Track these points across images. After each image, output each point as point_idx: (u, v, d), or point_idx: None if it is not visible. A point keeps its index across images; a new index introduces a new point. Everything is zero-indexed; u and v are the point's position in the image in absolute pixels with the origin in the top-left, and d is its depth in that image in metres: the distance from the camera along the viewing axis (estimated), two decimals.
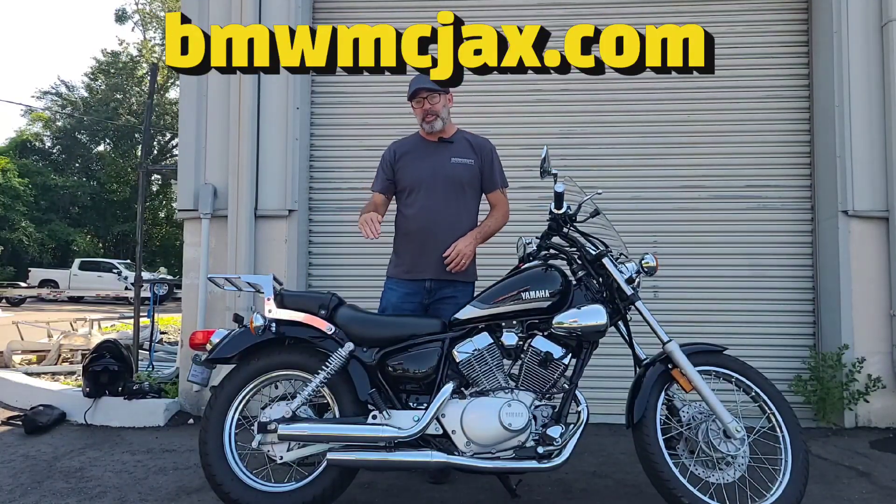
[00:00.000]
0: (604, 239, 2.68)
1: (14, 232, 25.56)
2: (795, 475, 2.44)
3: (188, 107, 4.55)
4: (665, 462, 2.44)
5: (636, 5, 4.70)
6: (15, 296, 17.50)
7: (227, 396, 2.62)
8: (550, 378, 2.50)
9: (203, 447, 2.59)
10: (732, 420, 2.44)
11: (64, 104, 32.15)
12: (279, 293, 2.67)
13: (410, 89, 3.01)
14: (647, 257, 2.62)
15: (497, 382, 2.52)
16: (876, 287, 4.21)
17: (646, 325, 2.60)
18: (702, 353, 2.58)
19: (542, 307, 2.52)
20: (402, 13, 4.81)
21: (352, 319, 2.62)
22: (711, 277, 4.51)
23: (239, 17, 4.41)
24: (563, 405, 2.52)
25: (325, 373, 2.52)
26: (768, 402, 2.52)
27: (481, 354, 2.53)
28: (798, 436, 2.49)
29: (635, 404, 2.51)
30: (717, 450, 2.43)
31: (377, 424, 2.48)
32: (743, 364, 2.60)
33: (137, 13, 32.27)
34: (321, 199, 4.76)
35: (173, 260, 27.11)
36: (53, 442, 3.81)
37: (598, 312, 2.47)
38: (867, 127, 4.24)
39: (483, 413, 2.44)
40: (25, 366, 6.14)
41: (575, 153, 4.54)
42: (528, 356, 2.53)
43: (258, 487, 2.56)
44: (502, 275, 2.71)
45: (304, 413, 2.57)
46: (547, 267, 2.60)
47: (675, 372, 2.52)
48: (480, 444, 2.44)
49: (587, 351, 2.56)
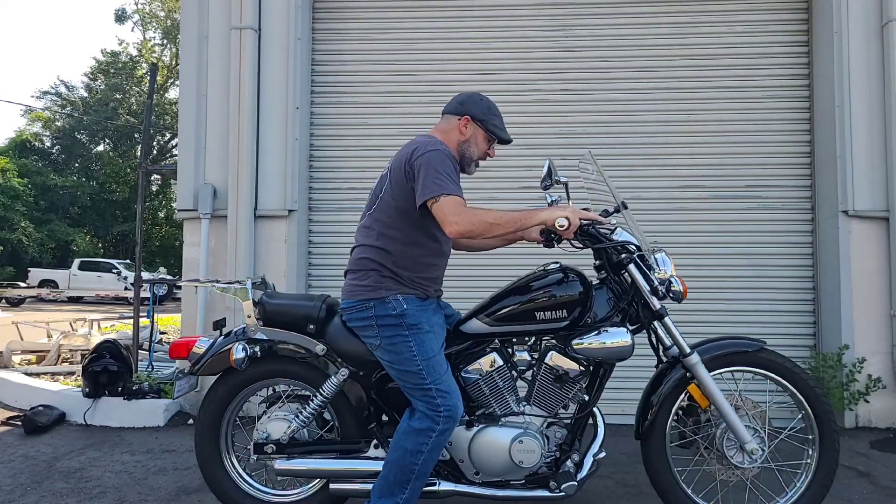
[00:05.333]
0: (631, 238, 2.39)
1: (14, 232, 25.54)
2: (817, 484, 2.35)
3: (188, 107, 4.54)
4: (673, 484, 2.37)
5: (636, 5, 4.69)
6: (14, 296, 17.48)
7: (218, 405, 2.49)
8: (565, 397, 2.31)
9: (199, 453, 2.50)
10: (751, 440, 2.30)
11: (64, 104, 32.13)
12: (261, 301, 2.44)
13: (502, 130, 2.39)
14: (674, 280, 2.30)
15: (508, 407, 2.33)
16: (876, 287, 4.21)
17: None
18: (732, 353, 2.39)
19: (560, 326, 2.28)
20: (402, 13, 4.80)
21: (344, 336, 2.36)
22: (711, 277, 4.51)
23: (239, 18, 4.41)
24: (578, 426, 2.34)
25: (321, 398, 2.37)
26: (805, 405, 2.38)
27: (491, 377, 2.31)
28: (831, 445, 2.35)
29: (647, 416, 2.39)
30: (730, 462, 2.33)
31: (377, 459, 2.34)
32: (781, 363, 2.39)
33: (137, 13, 32.32)
34: (321, 199, 4.76)
35: (173, 260, 27.11)
36: (53, 442, 3.81)
37: (621, 335, 2.25)
38: (867, 127, 4.24)
39: (492, 447, 2.27)
40: (25, 366, 6.13)
41: (575, 153, 4.52)
42: (541, 373, 2.30)
43: (258, 496, 2.51)
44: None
45: (303, 435, 2.43)
46: (565, 273, 2.31)
47: (691, 387, 2.35)
48: (490, 474, 2.31)
49: (607, 370, 2.34)
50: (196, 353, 2.46)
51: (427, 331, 2.24)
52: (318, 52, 4.82)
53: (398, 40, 4.79)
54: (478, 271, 4.31)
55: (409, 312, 2.24)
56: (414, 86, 4.72)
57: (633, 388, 3.44)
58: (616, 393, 2.41)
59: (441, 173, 2.16)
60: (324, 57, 4.83)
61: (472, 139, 2.35)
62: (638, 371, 3.30)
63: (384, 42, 4.80)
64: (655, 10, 4.69)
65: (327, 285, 4.59)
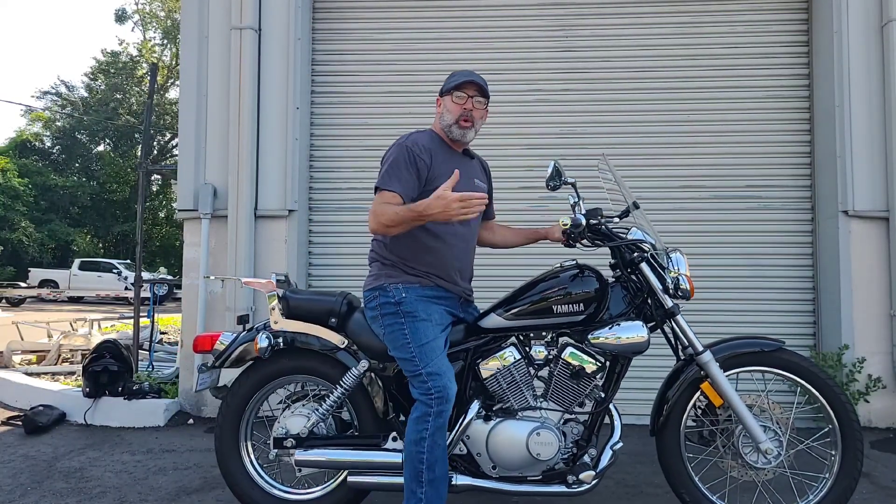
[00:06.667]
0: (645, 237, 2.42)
1: (14, 232, 25.56)
2: (839, 486, 2.32)
3: (188, 107, 4.54)
4: (688, 481, 2.37)
5: (636, 5, 4.69)
6: (15, 296, 17.50)
7: (242, 397, 2.52)
8: (582, 392, 2.33)
9: (219, 450, 2.52)
10: (766, 440, 2.29)
11: (64, 104, 32.15)
12: (284, 296, 2.50)
13: (458, 79, 2.38)
14: (681, 279, 2.33)
15: (525, 401, 2.36)
16: (876, 287, 4.21)
17: None
18: (748, 353, 2.38)
19: (577, 321, 2.32)
20: (402, 13, 4.80)
21: (364, 330, 2.42)
22: (711, 277, 4.50)
23: (239, 18, 4.41)
24: (595, 422, 2.36)
25: (341, 389, 2.41)
26: (828, 411, 2.35)
27: (509, 371, 2.34)
28: (854, 445, 2.32)
29: (661, 413, 2.39)
30: (745, 461, 2.33)
31: (396, 451, 2.37)
32: (801, 364, 2.37)
33: (137, 13, 32.31)
34: (321, 199, 4.76)
35: (173, 260, 27.11)
36: (53, 442, 3.81)
37: (637, 329, 2.29)
38: (867, 127, 4.24)
39: (510, 440, 2.29)
40: (25, 366, 6.13)
41: (575, 153, 4.53)
42: (558, 368, 2.33)
43: (277, 494, 2.52)
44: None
45: (321, 429, 2.48)
46: (581, 270, 2.35)
47: (704, 385, 2.35)
48: (507, 468, 2.33)
49: (623, 365, 2.36)
50: (219, 349, 2.51)
51: (423, 319, 2.28)
52: (318, 52, 4.82)
53: (399, 40, 4.79)
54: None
55: (407, 300, 2.30)
56: (414, 86, 4.72)
57: (638, 387, 3.47)
58: (620, 392, 2.40)
59: (388, 167, 2.29)
60: (324, 57, 4.83)
61: (444, 109, 2.42)
62: (644, 371, 3.31)
63: (385, 42, 4.80)
64: (657, 10, 4.69)
65: (327, 285, 4.59)
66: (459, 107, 2.37)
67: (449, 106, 2.39)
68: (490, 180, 2.68)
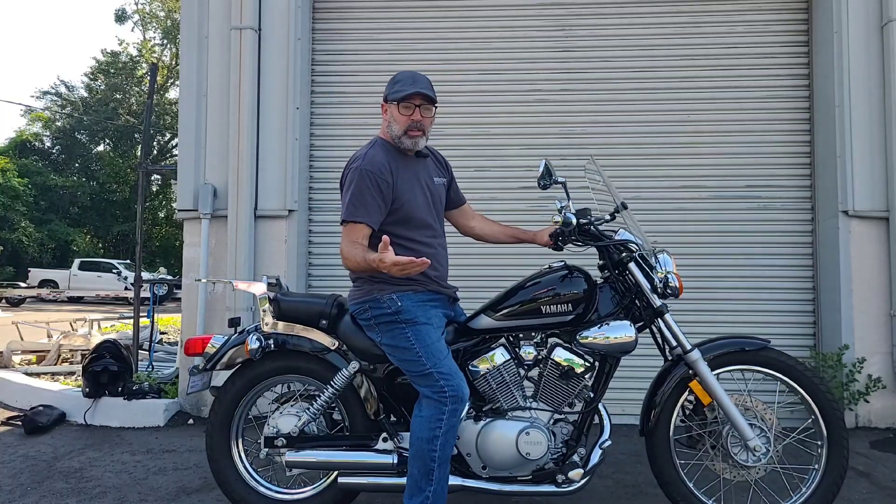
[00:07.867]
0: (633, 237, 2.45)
1: (14, 232, 25.56)
2: (826, 483, 2.35)
3: (188, 107, 4.54)
4: (677, 480, 2.38)
5: (636, 5, 4.69)
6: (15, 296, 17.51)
7: (233, 398, 2.54)
8: (571, 393, 2.36)
9: (210, 450, 2.54)
10: (754, 437, 2.30)
11: (64, 104, 32.14)
12: (275, 299, 2.50)
13: (403, 89, 2.30)
14: (670, 277, 2.36)
15: (515, 401, 2.37)
16: (876, 287, 4.21)
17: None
18: (735, 352, 2.42)
19: (565, 321, 2.35)
20: (402, 13, 4.80)
21: (355, 332, 2.43)
22: (711, 277, 4.51)
23: (239, 18, 4.41)
24: (585, 422, 2.38)
25: (332, 390, 2.42)
26: (812, 406, 2.38)
27: (499, 371, 2.35)
28: (840, 443, 2.34)
29: (650, 414, 2.41)
30: (735, 461, 2.34)
31: (387, 452, 2.39)
32: (786, 362, 2.41)
33: (137, 13, 32.33)
34: (321, 199, 4.76)
35: (173, 260, 27.08)
36: (53, 442, 3.81)
37: (625, 329, 2.32)
38: (867, 127, 4.24)
39: (500, 440, 2.31)
40: (25, 366, 6.13)
41: (576, 153, 4.53)
42: (547, 369, 2.35)
43: (268, 494, 2.53)
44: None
45: (312, 429, 2.49)
46: (569, 271, 2.38)
47: (693, 383, 2.36)
48: (497, 468, 2.34)
49: (612, 365, 2.39)
50: (210, 351, 2.53)
51: (423, 322, 2.29)
52: (318, 52, 4.82)
53: (398, 40, 4.79)
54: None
55: (405, 309, 2.30)
56: None
57: (633, 387, 3.46)
58: (616, 392, 2.41)
59: (351, 197, 2.26)
60: (324, 57, 4.83)
61: (390, 118, 2.35)
62: (637, 371, 3.31)
63: (385, 42, 4.80)
64: (656, 10, 4.69)
65: (327, 285, 4.59)
66: (407, 118, 2.31)
67: (396, 116, 2.33)
68: (450, 170, 2.65)
